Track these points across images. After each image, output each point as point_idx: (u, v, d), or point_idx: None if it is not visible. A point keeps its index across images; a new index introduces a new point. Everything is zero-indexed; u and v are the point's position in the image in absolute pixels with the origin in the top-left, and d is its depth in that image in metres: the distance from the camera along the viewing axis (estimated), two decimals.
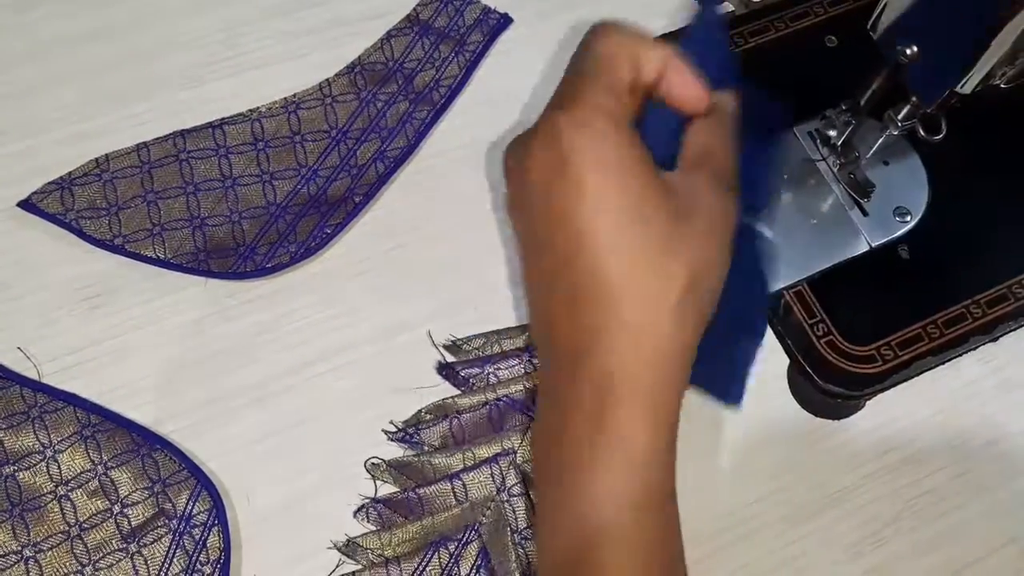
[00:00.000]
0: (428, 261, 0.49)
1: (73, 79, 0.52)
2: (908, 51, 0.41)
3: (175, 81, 0.52)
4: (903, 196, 0.51)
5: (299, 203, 0.48)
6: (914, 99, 0.44)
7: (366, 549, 0.42)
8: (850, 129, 0.50)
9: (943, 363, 0.47)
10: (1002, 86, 0.40)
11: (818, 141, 0.52)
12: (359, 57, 0.53)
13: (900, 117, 0.46)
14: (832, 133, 0.51)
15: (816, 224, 0.50)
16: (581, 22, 0.55)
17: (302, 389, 0.45)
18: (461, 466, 0.43)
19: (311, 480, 0.44)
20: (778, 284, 0.48)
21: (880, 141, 0.50)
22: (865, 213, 0.51)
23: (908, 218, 0.51)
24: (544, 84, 0.53)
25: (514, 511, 0.42)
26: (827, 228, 0.50)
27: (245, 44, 0.53)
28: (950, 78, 0.41)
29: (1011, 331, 0.48)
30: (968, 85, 0.39)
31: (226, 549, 0.41)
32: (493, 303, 0.48)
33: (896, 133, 0.47)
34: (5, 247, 0.47)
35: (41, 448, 0.43)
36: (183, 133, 0.49)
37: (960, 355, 0.48)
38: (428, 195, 0.50)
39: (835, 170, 0.51)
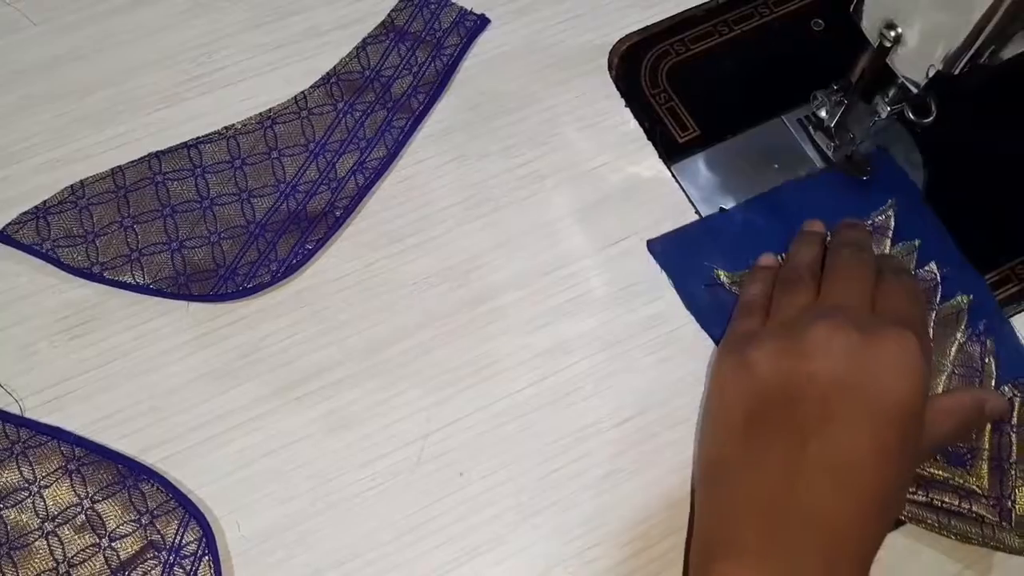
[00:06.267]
0: (413, 273, 0.48)
1: (45, 104, 0.51)
2: (892, 33, 0.40)
3: (149, 101, 0.51)
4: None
5: (279, 220, 0.47)
6: (902, 81, 0.43)
7: None
8: (843, 110, 0.48)
9: None
10: (990, 64, 0.39)
11: (811, 127, 0.51)
12: (334, 67, 0.52)
13: (888, 100, 0.45)
14: (824, 115, 0.49)
15: None
16: (559, 17, 0.54)
17: (289, 410, 0.44)
18: None
19: (300, 504, 0.43)
20: None
21: (872, 124, 0.48)
22: None
23: None
24: (525, 83, 0.52)
25: None
26: None
27: (218, 60, 0.52)
28: (935, 60, 0.39)
29: (1016, 314, 0.47)
30: (955, 66, 0.38)
31: None
32: (481, 312, 0.47)
33: (885, 117, 0.46)
34: None
35: (26, 484, 0.42)
36: (158, 155, 0.49)
37: None
38: (410, 205, 0.49)
39: (830, 153, 0.50)
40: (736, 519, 0.37)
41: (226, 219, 0.47)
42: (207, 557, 0.41)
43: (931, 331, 0.44)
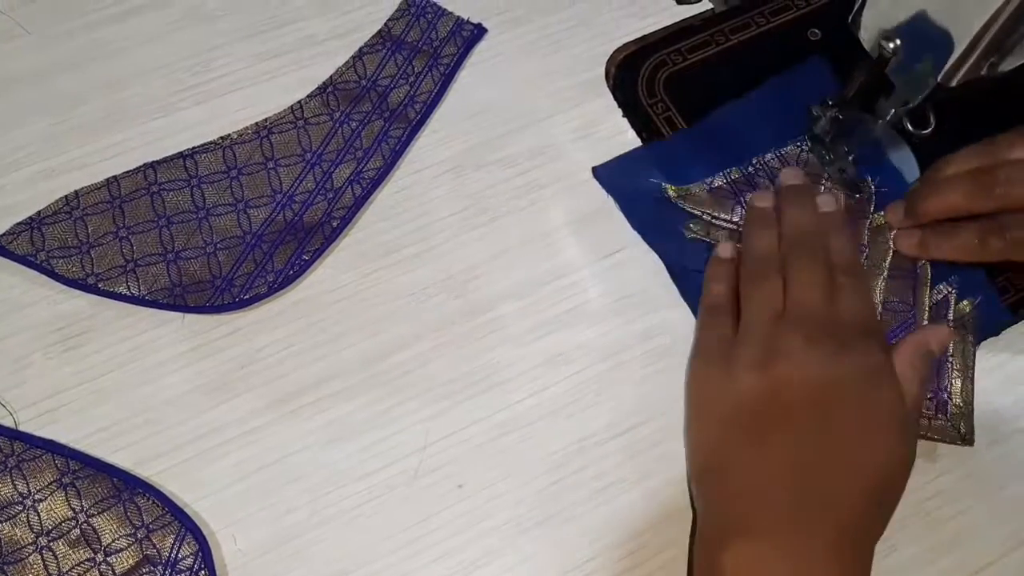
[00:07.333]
0: (411, 284, 0.47)
1: (40, 114, 0.51)
2: (891, 44, 0.40)
3: (145, 111, 0.51)
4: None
5: (275, 230, 0.47)
6: (900, 92, 0.43)
7: None
8: (837, 125, 0.48)
9: None
10: (989, 76, 0.39)
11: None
12: (331, 77, 0.51)
13: (887, 111, 0.45)
14: (819, 130, 0.49)
15: None
16: (556, 26, 0.54)
17: (286, 422, 0.44)
18: None
19: (297, 517, 0.42)
20: None
21: (869, 135, 0.48)
22: None
23: None
24: (522, 93, 0.52)
25: None
26: None
27: (214, 69, 0.52)
28: (934, 72, 0.39)
29: (1013, 324, 0.47)
30: (953, 78, 0.38)
31: None
32: (479, 323, 0.47)
33: (884, 126, 0.46)
34: None
35: (20, 498, 0.41)
36: (153, 165, 0.48)
37: None
38: (407, 216, 0.49)
39: (824, 167, 0.50)
40: (745, 508, 0.39)
41: (222, 230, 0.47)
42: (203, 571, 0.40)
43: (866, 237, 0.47)
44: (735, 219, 0.48)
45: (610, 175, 0.50)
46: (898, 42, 0.40)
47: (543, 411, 0.45)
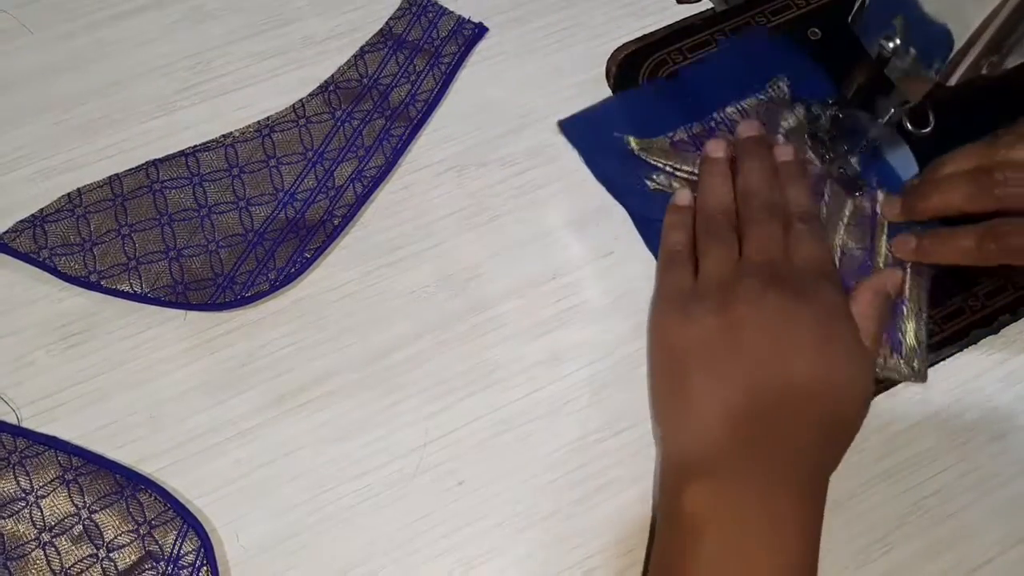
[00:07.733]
0: (411, 282, 0.47)
1: (41, 113, 0.51)
2: (891, 44, 0.40)
3: (146, 110, 0.51)
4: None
5: (277, 228, 0.47)
6: (900, 91, 0.43)
7: None
8: (837, 123, 0.49)
9: (944, 359, 0.46)
10: (990, 75, 0.39)
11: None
12: (332, 76, 0.52)
13: (886, 110, 0.45)
14: (819, 128, 0.50)
15: None
16: (557, 26, 0.55)
17: (288, 420, 0.44)
18: None
19: (299, 514, 0.42)
20: None
21: (869, 134, 0.48)
22: None
23: None
24: (523, 92, 0.52)
25: None
26: None
27: (215, 68, 0.52)
28: (933, 71, 0.40)
29: (1011, 322, 0.47)
30: (952, 77, 0.38)
31: None
32: (479, 321, 0.47)
33: (883, 125, 0.46)
34: None
35: (23, 494, 0.42)
36: (155, 163, 0.48)
37: (961, 349, 0.47)
38: (408, 214, 0.49)
39: (824, 165, 0.50)
40: (705, 445, 0.40)
41: (224, 227, 0.47)
42: (205, 567, 0.41)
43: (827, 187, 0.49)
44: (696, 170, 0.49)
45: (575, 128, 0.51)
46: (898, 41, 0.40)
47: (543, 409, 0.45)
